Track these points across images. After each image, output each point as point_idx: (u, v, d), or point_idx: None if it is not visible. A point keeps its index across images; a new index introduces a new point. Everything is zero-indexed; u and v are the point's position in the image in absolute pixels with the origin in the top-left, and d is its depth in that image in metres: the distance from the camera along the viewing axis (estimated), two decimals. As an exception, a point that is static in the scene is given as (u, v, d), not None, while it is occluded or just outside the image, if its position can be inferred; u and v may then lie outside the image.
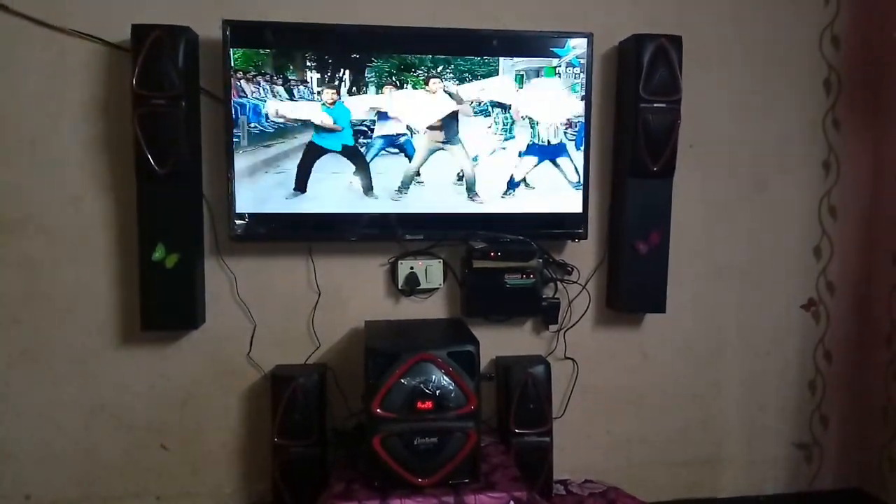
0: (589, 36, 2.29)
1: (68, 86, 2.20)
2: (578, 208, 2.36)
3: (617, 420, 2.61)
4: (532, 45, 2.28)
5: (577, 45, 2.29)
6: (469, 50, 2.25)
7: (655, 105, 2.27)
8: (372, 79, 2.20)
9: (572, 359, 2.52)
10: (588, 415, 2.57)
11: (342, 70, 2.19)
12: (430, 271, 2.37)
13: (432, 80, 2.23)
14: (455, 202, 2.31)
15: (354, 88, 2.20)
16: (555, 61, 2.29)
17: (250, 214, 2.20)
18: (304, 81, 2.18)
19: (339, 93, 2.19)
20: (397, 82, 2.21)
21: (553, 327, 2.50)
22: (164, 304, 2.17)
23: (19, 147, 2.20)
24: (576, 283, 2.49)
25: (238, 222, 2.20)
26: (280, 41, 2.16)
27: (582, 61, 2.29)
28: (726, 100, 2.53)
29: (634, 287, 2.41)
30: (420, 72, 2.22)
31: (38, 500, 2.32)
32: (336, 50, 2.18)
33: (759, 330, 2.66)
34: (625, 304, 2.44)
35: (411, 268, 2.36)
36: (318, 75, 2.18)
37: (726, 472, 2.70)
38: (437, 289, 2.42)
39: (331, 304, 2.38)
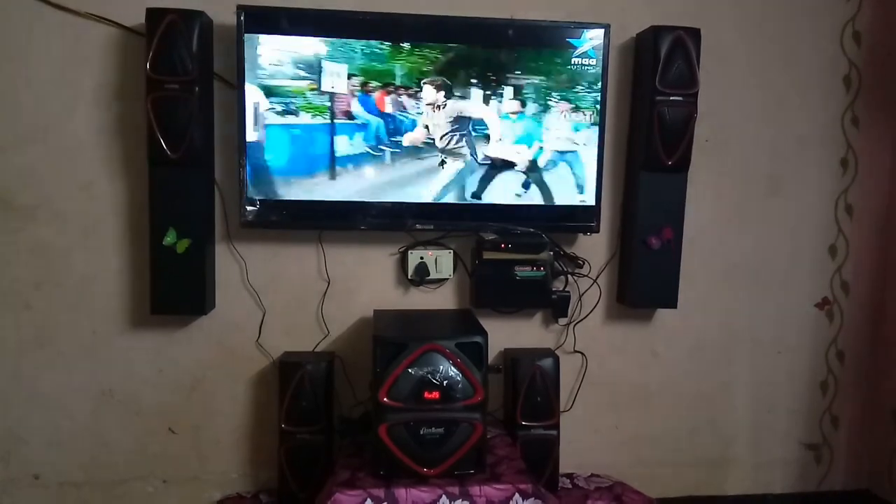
0: (606, 27, 2.26)
1: (82, 70, 2.20)
2: (591, 201, 2.34)
3: (625, 415, 2.59)
4: (548, 35, 2.26)
5: (594, 37, 2.26)
6: (484, 39, 2.23)
7: (672, 98, 2.25)
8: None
9: (581, 353, 2.51)
10: (596, 409, 2.56)
11: (356, 57, 2.18)
12: (440, 262, 2.36)
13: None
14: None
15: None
16: (570, 52, 2.26)
17: (261, 201, 2.20)
18: (317, 68, 2.17)
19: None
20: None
21: (562, 320, 2.48)
22: (174, 288, 2.17)
23: (33, 132, 2.21)
24: (586, 276, 2.47)
25: (249, 208, 2.19)
26: (294, 27, 2.15)
27: (598, 52, 2.27)
28: (743, 95, 2.49)
29: (646, 282, 2.39)
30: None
31: (46, 481, 2.33)
32: (350, 37, 2.17)
33: (772, 329, 2.63)
34: (636, 298, 2.42)
35: (421, 258, 2.35)
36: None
37: (734, 470, 2.67)
38: (447, 279, 2.41)
39: (340, 293, 2.38)
